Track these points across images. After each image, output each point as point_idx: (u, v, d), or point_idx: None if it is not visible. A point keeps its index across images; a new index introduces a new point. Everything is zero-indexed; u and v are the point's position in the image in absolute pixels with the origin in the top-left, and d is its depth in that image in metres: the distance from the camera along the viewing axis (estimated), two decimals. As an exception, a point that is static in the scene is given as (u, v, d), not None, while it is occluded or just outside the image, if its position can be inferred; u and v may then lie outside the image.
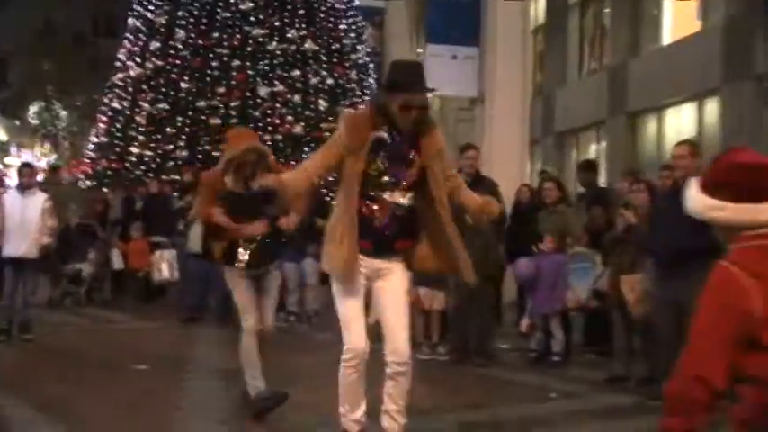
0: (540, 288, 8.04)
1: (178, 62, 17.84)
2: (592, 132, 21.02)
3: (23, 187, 9.16)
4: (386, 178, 4.14)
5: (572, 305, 7.99)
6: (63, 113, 39.88)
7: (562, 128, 21.93)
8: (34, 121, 40.50)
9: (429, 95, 4.33)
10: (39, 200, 9.05)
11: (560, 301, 7.96)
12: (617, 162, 18.95)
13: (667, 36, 18.00)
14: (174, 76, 17.77)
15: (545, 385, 7.06)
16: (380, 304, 4.34)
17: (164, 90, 17.86)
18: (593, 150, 21.09)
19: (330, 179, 5.36)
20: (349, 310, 4.23)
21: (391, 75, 4.30)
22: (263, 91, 17.16)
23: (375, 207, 4.14)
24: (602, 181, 12.22)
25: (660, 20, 17.94)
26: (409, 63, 4.50)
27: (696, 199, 2.53)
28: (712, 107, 16.37)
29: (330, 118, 17.53)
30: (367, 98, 19.31)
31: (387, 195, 4.15)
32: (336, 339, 4.53)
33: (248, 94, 17.29)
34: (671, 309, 5.84)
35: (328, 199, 9.20)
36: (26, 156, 34.88)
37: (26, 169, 9.56)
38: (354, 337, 4.21)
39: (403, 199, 4.19)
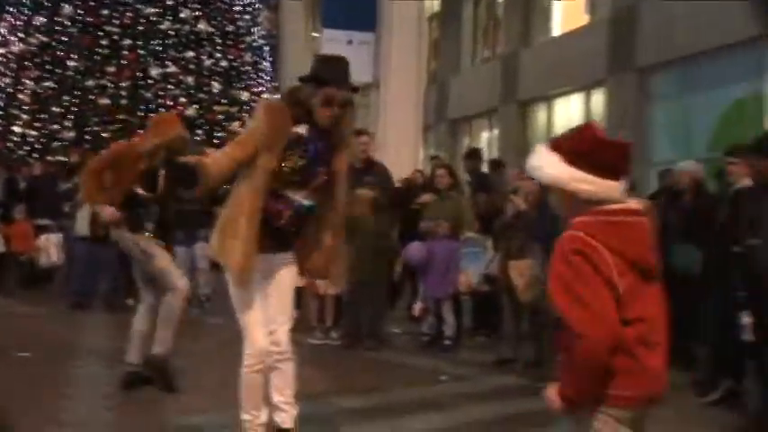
0: (432, 272, 8.17)
1: (65, 39, 17.24)
2: (484, 120, 21.41)
3: None
4: (297, 177, 3.98)
5: (464, 289, 8.16)
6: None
7: (455, 115, 22.25)
8: None
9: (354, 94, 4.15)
10: None
11: (452, 286, 8.12)
12: (508, 149, 19.38)
13: (557, 28, 18.49)
14: (60, 53, 17.17)
15: (436, 368, 7.20)
16: (266, 293, 4.14)
17: (49, 68, 17.24)
18: (486, 137, 21.49)
19: None
20: (248, 314, 4.05)
21: (315, 68, 4.08)
22: (154, 71, 16.78)
23: (280, 205, 3.97)
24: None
25: (551, 12, 18.41)
26: (334, 58, 4.24)
27: (558, 167, 2.55)
28: (598, 98, 16.93)
29: (224, 100, 17.32)
30: (261, 81, 19.15)
31: (292, 194, 3.99)
32: (229, 323, 4.50)
33: (139, 74, 16.89)
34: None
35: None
36: None
37: None
38: (256, 339, 4.05)
39: (307, 199, 4.05)
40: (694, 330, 6.40)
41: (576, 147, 2.57)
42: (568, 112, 18.24)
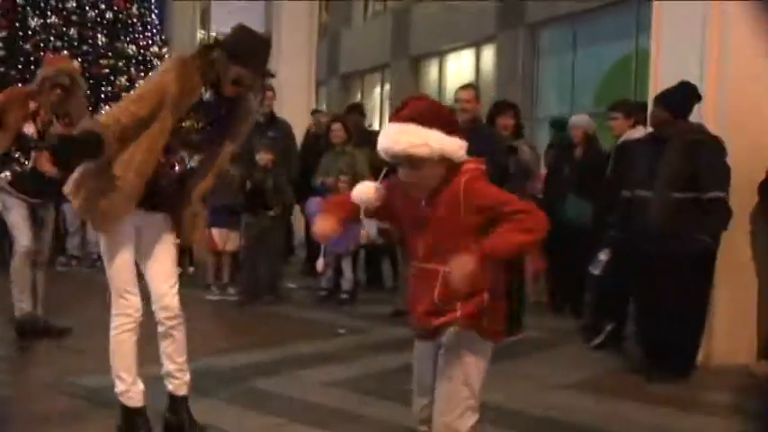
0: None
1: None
2: (376, 75, 21.46)
3: None
4: (193, 137, 3.80)
5: (364, 242, 8.22)
6: None
7: (347, 69, 22.20)
8: None
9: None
10: None
11: (354, 241, 8.18)
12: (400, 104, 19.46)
13: (448, -17, 18.58)
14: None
15: (334, 322, 7.28)
16: (146, 255, 3.95)
17: None
18: (377, 93, 21.56)
19: None
20: (119, 272, 3.82)
21: (236, 41, 3.74)
22: (34, 22, 16.02)
23: (168, 162, 3.78)
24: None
25: (442, -34, 18.50)
26: (259, 39, 3.81)
27: (446, 140, 2.75)
28: (489, 53, 17.18)
29: (109, 54, 16.72)
30: (148, 35, 18.57)
31: (184, 153, 3.82)
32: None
33: (17, 24, 16.09)
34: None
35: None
36: None
37: None
38: (127, 297, 3.86)
39: (194, 162, 3.87)
40: (586, 280, 6.66)
41: (448, 117, 2.84)
42: (459, 67, 18.47)
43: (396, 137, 2.78)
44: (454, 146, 2.76)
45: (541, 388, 5.25)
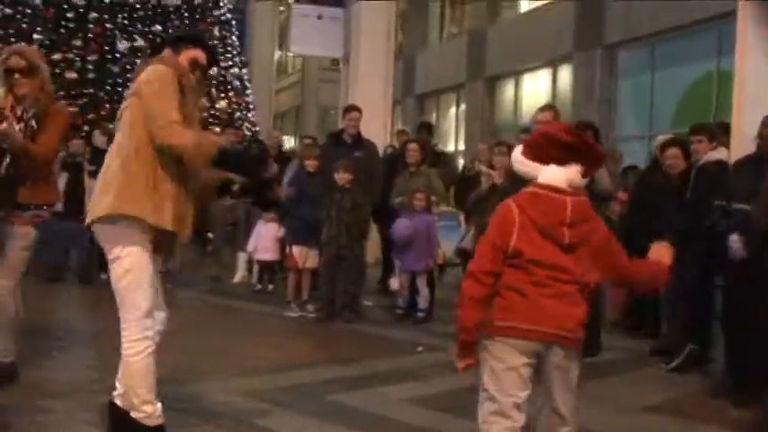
0: (410, 246, 8.29)
1: (29, 11, 17.00)
2: (452, 95, 21.54)
3: None
4: None
5: (441, 261, 8.30)
6: None
7: (423, 90, 22.36)
8: None
9: None
10: None
11: (431, 259, 8.27)
12: (475, 124, 19.54)
13: (525, 3, 18.64)
14: (24, 26, 16.94)
15: (412, 340, 7.36)
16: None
17: (14, 41, 16.99)
18: (452, 113, 21.65)
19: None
20: (144, 290, 3.74)
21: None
22: (122, 45, 16.62)
23: None
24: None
25: (518, -13, 18.55)
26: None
27: (514, 155, 3.29)
28: (565, 73, 17.11)
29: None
30: (229, 56, 19.06)
31: None
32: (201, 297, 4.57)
33: (106, 48, 16.73)
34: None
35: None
36: None
37: None
38: (148, 317, 3.77)
39: None
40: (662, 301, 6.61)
41: (526, 141, 3.30)
42: (536, 87, 18.43)
43: (512, 159, 3.33)
44: (529, 169, 3.21)
45: (620, 410, 5.24)
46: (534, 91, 18.26)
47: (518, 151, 3.26)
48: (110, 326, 4.02)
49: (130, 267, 3.72)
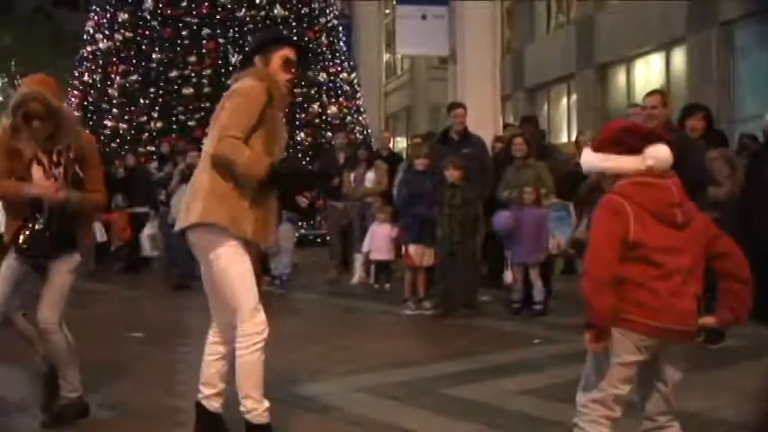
0: (520, 240, 8.29)
1: (147, 33, 17.80)
2: (562, 86, 21.25)
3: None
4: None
5: (554, 252, 8.25)
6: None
7: (533, 83, 22.13)
8: (-1, 97, 39.91)
9: None
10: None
11: (543, 252, 8.24)
12: (587, 114, 19.20)
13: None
14: (144, 47, 17.74)
15: (529, 332, 7.36)
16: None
17: (134, 61, 17.83)
18: (564, 104, 21.34)
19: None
20: (251, 286, 3.89)
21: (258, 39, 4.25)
22: (234, 59, 17.17)
23: None
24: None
25: (625, -28, 18.13)
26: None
27: (588, 157, 3.22)
28: (678, 56, 16.63)
29: (302, 82, 17.61)
30: (337, 61, 19.37)
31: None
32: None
33: (220, 62, 17.32)
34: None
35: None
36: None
37: None
38: (261, 314, 3.88)
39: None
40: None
41: (601, 139, 3.24)
42: (648, 72, 17.99)
43: (586, 162, 3.27)
44: (621, 163, 3.12)
45: (746, 398, 5.10)
46: (647, 76, 17.82)
47: (589, 152, 3.23)
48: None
49: (226, 266, 3.85)
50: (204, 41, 17.47)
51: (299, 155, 15.98)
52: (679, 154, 6.63)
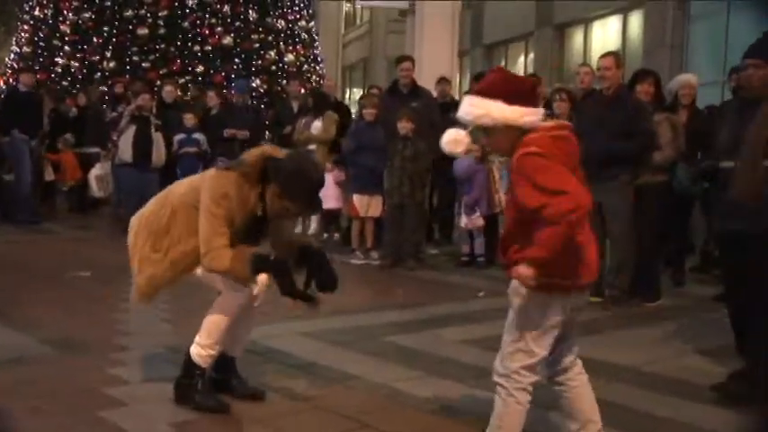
0: (473, 189, 8.38)
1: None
2: (520, 44, 21.29)
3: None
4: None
5: (498, 210, 8.37)
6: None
7: (491, 39, 22.14)
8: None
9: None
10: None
11: (490, 206, 8.37)
12: (545, 73, 19.28)
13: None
14: (96, -16, 17.31)
15: (474, 285, 7.49)
16: None
17: (87, -2, 17.39)
18: (521, 62, 21.42)
19: None
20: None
21: (288, 181, 3.85)
22: (191, 1, 16.87)
23: None
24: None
25: (586, -69, 18.12)
26: (313, 181, 3.96)
27: (506, 110, 2.99)
28: (636, 20, 16.76)
29: (260, 29, 17.39)
30: (296, 9, 19.10)
31: None
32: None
33: (176, 3, 16.98)
34: (595, 210, 6.18)
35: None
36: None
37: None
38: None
39: None
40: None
41: (512, 89, 3.05)
42: (605, 34, 18.11)
43: (466, 108, 3.10)
44: (515, 114, 2.99)
45: (680, 353, 5.29)
46: (604, 39, 17.93)
47: (507, 108, 3.01)
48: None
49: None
50: (161, -19, 17.08)
51: (255, 102, 15.79)
52: (632, 117, 6.75)
